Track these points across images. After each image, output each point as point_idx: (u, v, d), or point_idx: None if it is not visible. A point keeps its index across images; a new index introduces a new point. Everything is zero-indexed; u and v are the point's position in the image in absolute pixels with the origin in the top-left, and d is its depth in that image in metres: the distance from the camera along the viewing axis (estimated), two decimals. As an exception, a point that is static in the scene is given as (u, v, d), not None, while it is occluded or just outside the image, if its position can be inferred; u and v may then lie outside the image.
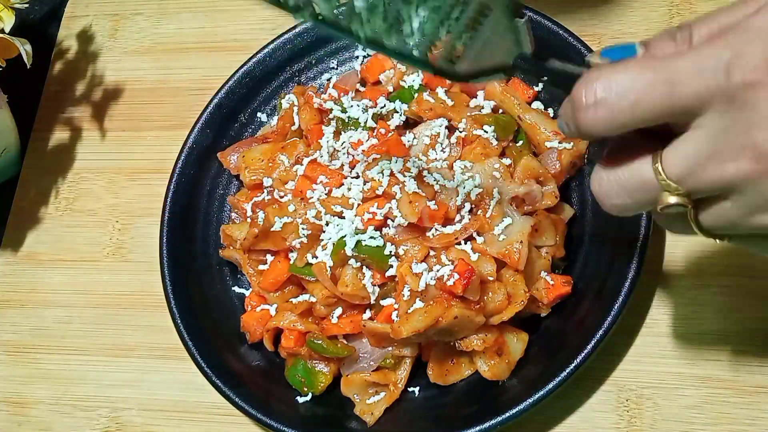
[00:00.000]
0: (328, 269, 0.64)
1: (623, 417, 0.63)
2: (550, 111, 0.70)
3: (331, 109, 0.71)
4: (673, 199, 0.41)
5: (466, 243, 0.63)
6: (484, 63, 0.49)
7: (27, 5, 0.78)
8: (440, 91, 0.70)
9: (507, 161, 0.66)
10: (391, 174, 0.64)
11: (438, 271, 0.62)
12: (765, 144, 0.38)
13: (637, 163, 0.42)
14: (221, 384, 0.65)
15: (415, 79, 0.71)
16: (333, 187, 0.66)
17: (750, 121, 0.38)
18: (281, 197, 0.68)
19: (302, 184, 0.67)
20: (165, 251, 0.71)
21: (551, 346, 0.64)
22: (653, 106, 0.39)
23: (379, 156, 0.66)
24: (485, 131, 0.67)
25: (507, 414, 0.60)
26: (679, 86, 0.39)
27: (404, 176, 0.64)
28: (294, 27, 0.78)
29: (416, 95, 0.70)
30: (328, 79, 0.78)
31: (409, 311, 0.61)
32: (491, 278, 0.62)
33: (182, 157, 0.75)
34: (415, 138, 0.68)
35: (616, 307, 0.60)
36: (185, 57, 0.86)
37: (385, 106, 0.70)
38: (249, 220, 0.70)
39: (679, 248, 0.67)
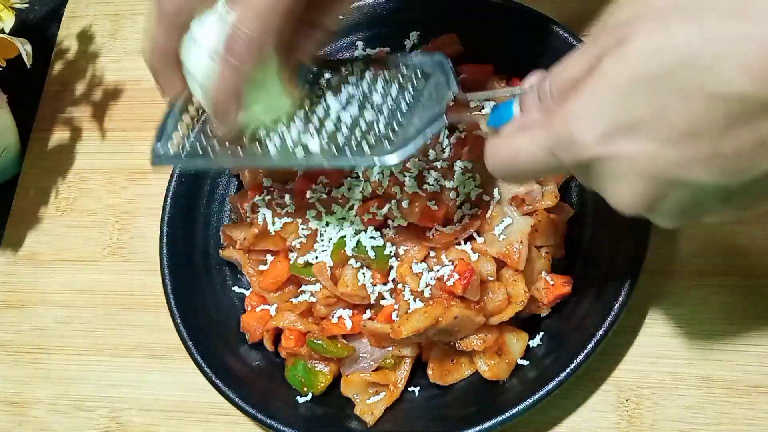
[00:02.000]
0: (328, 269, 0.64)
1: (623, 417, 0.63)
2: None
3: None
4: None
5: (466, 243, 0.63)
6: (420, 124, 0.53)
7: (27, 5, 0.78)
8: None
9: (507, 161, 0.66)
10: (391, 174, 0.65)
11: (438, 271, 0.62)
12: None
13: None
14: (221, 384, 0.65)
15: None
16: (333, 187, 0.66)
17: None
18: (281, 197, 0.68)
19: (302, 184, 0.67)
20: (165, 251, 0.71)
21: (551, 346, 0.64)
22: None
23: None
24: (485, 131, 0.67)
25: (507, 414, 0.60)
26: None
27: (404, 176, 0.64)
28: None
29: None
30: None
31: (409, 311, 0.61)
32: (491, 278, 0.62)
33: (182, 157, 0.75)
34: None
35: (616, 307, 0.60)
36: (185, 57, 0.86)
37: (385, 105, 0.70)
38: (249, 220, 0.70)
39: (680, 248, 0.67)
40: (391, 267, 0.63)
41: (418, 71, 0.56)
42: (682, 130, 0.39)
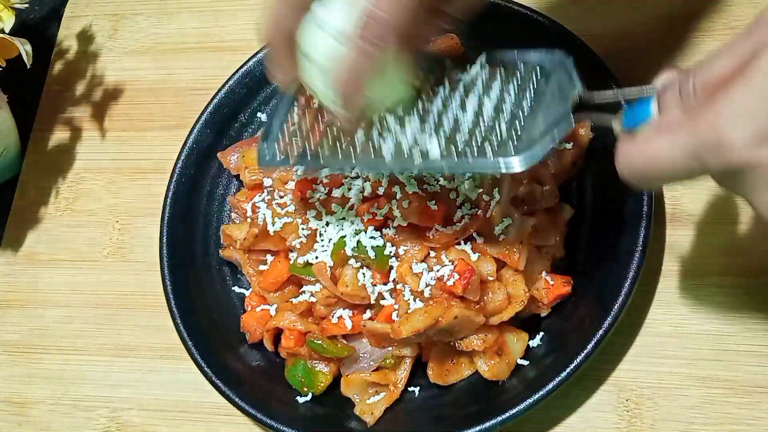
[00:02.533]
0: (328, 269, 0.64)
1: (623, 417, 0.63)
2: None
3: (331, 110, 0.71)
4: None
5: (466, 243, 0.63)
6: (545, 126, 0.49)
7: (27, 5, 0.78)
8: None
9: (507, 161, 0.66)
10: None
11: (438, 271, 0.62)
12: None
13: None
14: (221, 384, 0.65)
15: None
16: (333, 187, 0.66)
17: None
18: (281, 197, 0.68)
19: (302, 184, 0.67)
20: (165, 251, 0.71)
21: (551, 346, 0.64)
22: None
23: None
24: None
25: (507, 414, 0.60)
26: (676, 171, 0.41)
27: (404, 176, 0.64)
28: (294, 27, 0.78)
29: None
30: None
31: (409, 311, 0.61)
32: (491, 278, 0.62)
33: (182, 157, 0.75)
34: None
35: (616, 307, 0.60)
36: (185, 57, 0.86)
37: (385, 106, 0.70)
38: (249, 220, 0.70)
39: (680, 248, 0.67)
40: (391, 267, 0.63)
41: (538, 69, 0.53)
42: None
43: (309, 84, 0.53)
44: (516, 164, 0.49)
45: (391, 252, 0.63)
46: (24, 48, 0.74)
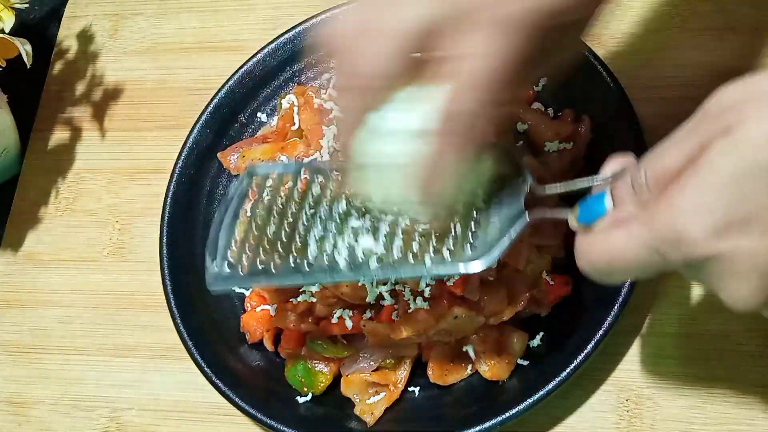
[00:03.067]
0: (328, 269, 0.64)
1: (623, 417, 0.63)
2: (550, 111, 0.70)
3: (332, 109, 0.71)
4: None
5: (466, 243, 0.63)
6: (501, 224, 0.49)
7: (27, 5, 0.78)
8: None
9: (507, 161, 0.66)
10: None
11: (438, 271, 0.62)
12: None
13: None
14: (221, 384, 0.65)
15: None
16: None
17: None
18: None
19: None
20: (165, 251, 0.71)
21: (551, 346, 0.64)
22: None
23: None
24: (485, 131, 0.67)
25: (507, 414, 0.60)
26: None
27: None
28: (294, 27, 0.78)
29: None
30: (328, 79, 0.77)
31: (409, 311, 0.61)
32: (491, 278, 0.62)
33: (182, 157, 0.75)
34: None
35: (616, 307, 0.60)
36: (185, 57, 0.86)
37: (385, 106, 0.70)
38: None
39: (679, 248, 0.66)
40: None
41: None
42: None
43: (373, 196, 0.50)
44: (475, 268, 0.48)
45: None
46: (24, 48, 0.74)
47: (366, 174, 0.49)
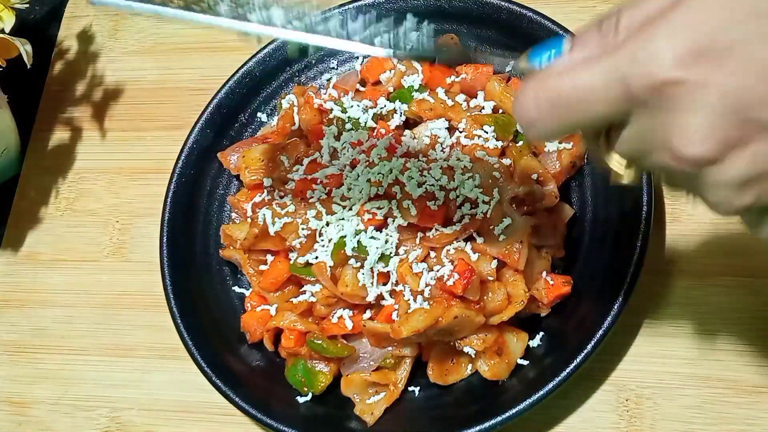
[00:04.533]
0: (328, 269, 0.64)
1: (623, 417, 0.63)
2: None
3: (332, 109, 0.71)
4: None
5: (466, 243, 0.63)
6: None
7: (27, 5, 0.78)
8: (440, 92, 0.70)
9: (507, 161, 0.66)
10: (391, 171, 0.64)
11: (438, 271, 0.62)
12: (682, 149, 0.37)
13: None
14: (221, 384, 0.65)
15: (415, 79, 0.72)
16: (333, 187, 0.66)
17: (666, 126, 0.37)
18: (281, 197, 0.68)
19: (302, 184, 0.67)
20: (165, 251, 0.71)
21: (551, 346, 0.64)
22: (577, 121, 0.39)
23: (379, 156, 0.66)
24: (485, 131, 0.67)
25: (507, 414, 0.60)
26: (592, 100, 0.37)
27: (404, 176, 0.64)
28: (294, 27, 0.78)
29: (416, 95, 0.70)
30: (328, 79, 0.78)
31: (409, 311, 0.61)
32: (491, 278, 0.62)
33: (182, 157, 0.75)
34: (414, 138, 0.68)
35: (616, 307, 0.60)
36: (185, 57, 0.86)
37: (385, 106, 0.71)
38: (249, 220, 0.70)
39: (680, 248, 0.67)
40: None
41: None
42: None
43: None
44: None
45: (391, 252, 0.63)
46: (24, 48, 0.74)
47: None
